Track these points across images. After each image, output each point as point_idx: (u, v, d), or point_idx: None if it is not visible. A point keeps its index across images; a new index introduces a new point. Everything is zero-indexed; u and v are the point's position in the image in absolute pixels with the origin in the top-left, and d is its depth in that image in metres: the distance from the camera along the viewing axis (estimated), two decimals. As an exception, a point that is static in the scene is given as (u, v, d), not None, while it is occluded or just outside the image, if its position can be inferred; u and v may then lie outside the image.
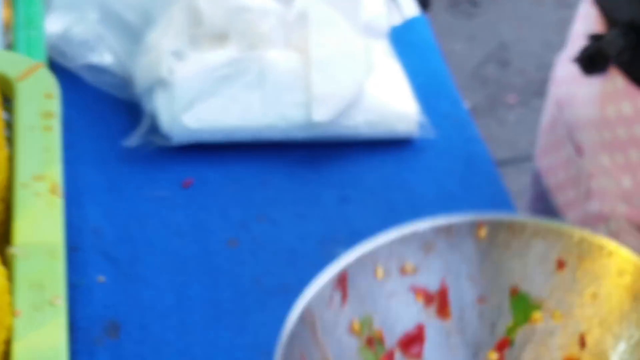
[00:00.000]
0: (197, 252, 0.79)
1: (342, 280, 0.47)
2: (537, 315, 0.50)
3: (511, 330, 0.50)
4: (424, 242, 0.50)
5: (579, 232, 0.49)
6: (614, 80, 0.74)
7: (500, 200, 0.84)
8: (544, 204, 0.87)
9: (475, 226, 0.50)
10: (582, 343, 0.48)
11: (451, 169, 0.87)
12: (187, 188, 0.83)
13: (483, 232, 0.50)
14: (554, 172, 0.84)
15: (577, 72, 0.78)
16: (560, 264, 0.49)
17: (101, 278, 0.76)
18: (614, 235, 0.74)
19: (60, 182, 0.63)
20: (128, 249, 0.78)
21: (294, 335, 0.46)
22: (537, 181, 0.89)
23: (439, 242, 0.50)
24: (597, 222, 0.75)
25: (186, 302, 0.75)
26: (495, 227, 0.50)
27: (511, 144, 1.95)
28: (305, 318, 0.46)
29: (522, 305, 0.50)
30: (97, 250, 0.77)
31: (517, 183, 1.70)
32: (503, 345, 0.50)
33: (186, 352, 0.72)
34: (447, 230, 0.50)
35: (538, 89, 1.97)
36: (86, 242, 0.78)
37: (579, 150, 0.77)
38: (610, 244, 0.48)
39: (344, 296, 0.48)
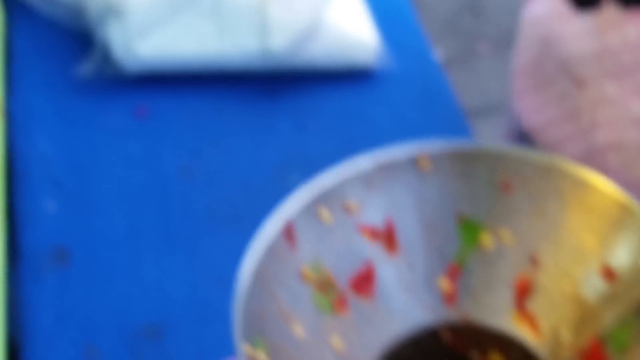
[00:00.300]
0: (149, 181, 0.77)
1: (288, 229, 0.46)
2: (485, 239, 0.49)
3: (461, 256, 0.49)
4: (365, 179, 0.48)
5: (518, 153, 0.48)
6: (610, 11, 0.74)
7: (460, 130, 0.83)
8: (525, 144, 0.86)
9: (416, 159, 0.48)
10: (534, 262, 0.47)
11: (410, 99, 0.85)
12: (140, 117, 0.81)
13: (425, 164, 0.48)
14: (541, 110, 0.83)
15: (562, 10, 0.77)
16: (505, 186, 0.48)
17: (50, 205, 0.74)
18: (626, 162, 0.73)
19: None
20: (78, 177, 0.77)
21: (248, 296, 0.44)
22: (516, 123, 0.88)
23: (381, 178, 0.48)
24: (606, 151, 0.75)
25: (137, 229, 0.74)
26: (437, 157, 0.48)
27: (484, 94, 1.94)
28: (257, 275, 0.45)
29: (470, 231, 0.49)
30: (47, 178, 0.76)
31: (490, 131, 1.69)
32: (454, 272, 0.49)
33: (137, 278, 0.71)
34: (387, 165, 0.49)
35: (512, 39, 1.97)
36: (35, 170, 0.76)
37: (578, 83, 0.76)
38: (554, 161, 0.47)
39: (292, 244, 0.46)
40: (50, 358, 0.67)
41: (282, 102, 0.84)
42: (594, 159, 0.77)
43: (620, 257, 0.45)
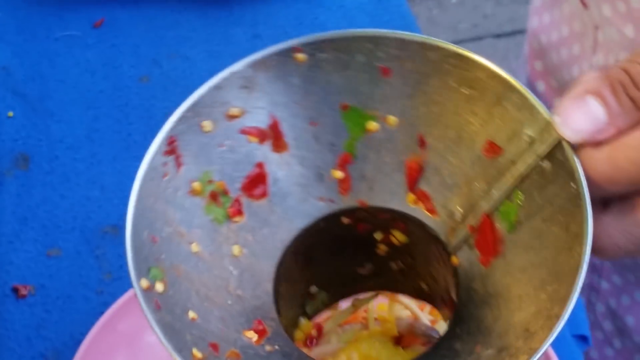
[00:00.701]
0: (108, 88, 0.79)
1: (170, 148, 0.46)
2: (371, 125, 0.49)
3: (350, 145, 0.49)
4: (243, 81, 0.48)
5: (395, 35, 0.48)
6: None
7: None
8: (542, 62, 0.86)
9: (291, 52, 0.48)
10: (422, 143, 0.48)
11: (362, 6, 0.87)
12: (98, 27, 0.82)
13: (301, 57, 0.48)
14: (555, 27, 0.84)
15: None
16: (385, 71, 0.48)
17: (10, 113, 0.76)
18: None
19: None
20: (38, 86, 0.78)
21: (137, 221, 0.44)
22: (534, 39, 0.88)
23: (259, 78, 0.47)
24: None
25: (96, 134, 0.76)
26: (312, 48, 0.48)
27: (453, 27, 1.95)
28: (145, 203, 0.45)
29: (355, 119, 0.49)
30: (6, 87, 0.78)
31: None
32: (345, 161, 0.49)
33: (95, 181, 0.73)
34: (263, 63, 0.48)
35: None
36: (-5, 80, 0.78)
37: (584, 3, 0.77)
38: (432, 41, 0.47)
39: (177, 162, 0.46)
40: (13, 259, 0.69)
41: (237, 10, 0.85)
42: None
43: (503, 132, 0.46)
